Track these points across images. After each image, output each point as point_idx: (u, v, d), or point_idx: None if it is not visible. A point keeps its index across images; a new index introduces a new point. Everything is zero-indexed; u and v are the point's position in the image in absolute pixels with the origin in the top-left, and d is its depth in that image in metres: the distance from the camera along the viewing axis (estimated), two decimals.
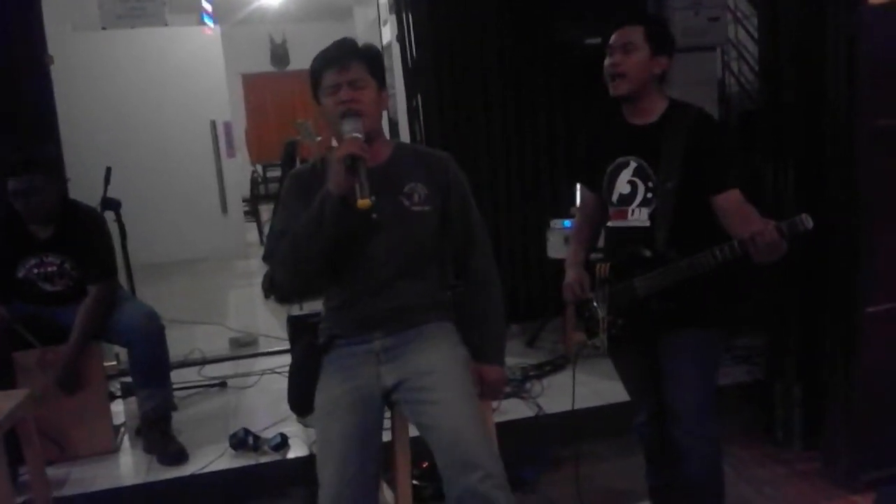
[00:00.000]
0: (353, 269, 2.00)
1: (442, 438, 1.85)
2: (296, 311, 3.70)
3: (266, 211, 8.47)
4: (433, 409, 1.89)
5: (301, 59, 11.96)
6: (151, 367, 3.16)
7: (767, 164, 3.05)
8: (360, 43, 2.02)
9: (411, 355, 2.00)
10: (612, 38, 2.16)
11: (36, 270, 3.12)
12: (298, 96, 12.22)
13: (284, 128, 11.05)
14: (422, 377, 1.95)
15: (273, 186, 9.66)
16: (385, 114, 7.90)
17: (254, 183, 9.36)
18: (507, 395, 3.39)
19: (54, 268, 3.13)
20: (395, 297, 2.00)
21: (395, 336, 2.01)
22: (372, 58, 1.99)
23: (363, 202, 1.80)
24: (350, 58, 1.95)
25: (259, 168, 10.32)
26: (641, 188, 2.18)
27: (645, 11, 2.19)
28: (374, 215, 1.91)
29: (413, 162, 2.07)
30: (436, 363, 1.97)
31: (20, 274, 3.11)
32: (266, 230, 7.67)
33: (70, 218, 3.14)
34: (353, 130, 1.90)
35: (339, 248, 1.94)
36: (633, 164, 2.19)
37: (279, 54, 12.22)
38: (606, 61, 2.17)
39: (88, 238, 3.14)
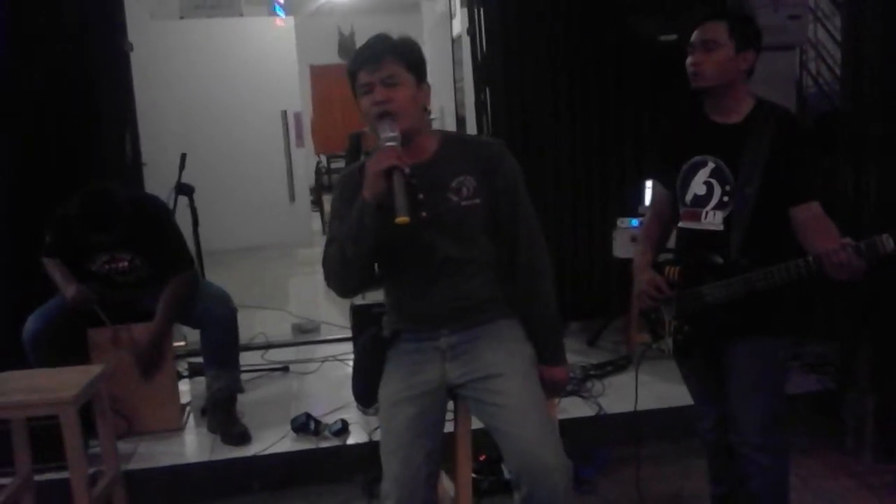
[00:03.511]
0: (408, 268, 1.98)
1: (511, 444, 1.85)
2: (359, 300, 3.73)
3: (329, 201, 8.57)
4: (502, 412, 1.89)
5: None
6: (222, 350, 3.24)
7: (847, 169, 2.96)
8: (397, 37, 1.94)
9: (478, 353, 1.99)
10: (694, 35, 2.10)
11: (107, 266, 3.16)
12: None
13: (350, 119, 11.16)
14: (489, 378, 1.95)
15: (336, 177, 9.78)
16: (453, 108, 7.86)
17: (318, 173, 9.50)
18: (567, 393, 3.37)
19: (125, 263, 3.17)
20: (456, 294, 1.98)
21: (461, 333, 2.00)
22: (407, 52, 1.91)
23: (401, 219, 1.74)
24: (382, 55, 1.87)
25: (323, 158, 10.45)
26: (718, 190, 2.12)
27: (727, 6, 2.12)
28: (424, 213, 1.88)
29: (461, 153, 1.99)
30: (503, 363, 1.96)
31: (93, 268, 3.17)
32: (329, 220, 7.77)
33: (138, 217, 3.06)
34: (388, 136, 1.84)
35: (385, 251, 1.91)
36: (710, 165, 2.13)
37: (347, 46, 12.33)
38: (688, 59, 2.11)
39: (159, 234, 3.16)
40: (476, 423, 2.03)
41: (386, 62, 1.87)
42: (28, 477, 2.54)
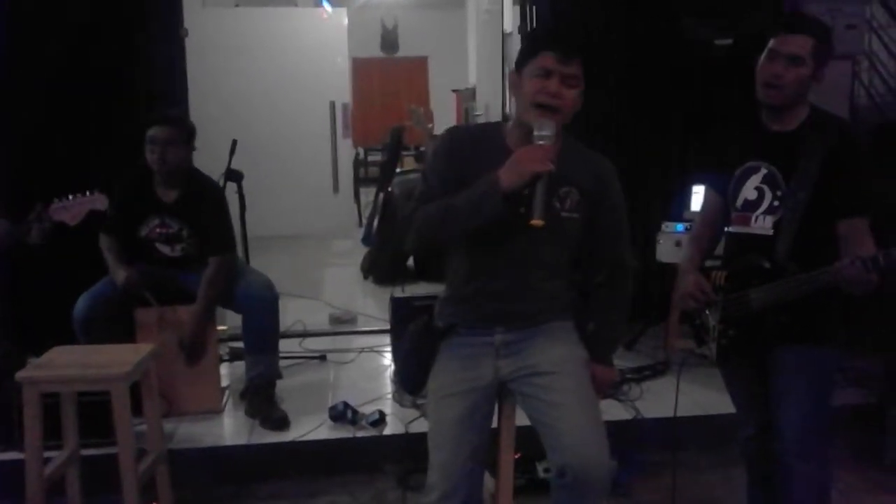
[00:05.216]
0: (489, 262, 1.99)
1: (560, 439, 1.87)
2: (398, 292, 3.76)
3: (365, 193, 8.60)
4: (553, 409, 1.91)
5: (410, 47, 12.08)
6: (264, 336, 3.28)
7: None
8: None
9: (531, 351, 2.00)
10: (777, 42, 2.02)
11: (158, 230, 3.24)
12: (405, 83, 12.35)
13: (389, 113, 11.18)
14: (542, 374, 1.96)
15: (373, 170, 9.84)
16: (499, 106, 7.70)
17: (356, 165, 9.53)
18: (604, 396, 3.35)
19: (174, 230, 3.25)
20: (527, 296, 2.00)
21: (516, 332, 2.02)
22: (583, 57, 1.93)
23: (536, 222, 1.77)
24: (576, 52, 1.89)
25: (361, 151, 10.48)
26: (769, 196, 2.11)
27: (816, 20, 2.07)
28: (523, 209, 1.84)
29: (576, 162, 2.00)
30: (556, 362, 1.97)
31: (143, 233, 3.24)
32: (365, 212, 7.79)
33: (194, 186, 3.26)
34: (544, 134, 1.84)
35: (480, 235, 1.91)
36: (763, 171, 2.13)
37: (390, 40, 12.36)
38: (765, 65, 2.05)
39: (209, 211, 3.24)
40: (521, 421, 2.05)
41: (576, 61, 1.89)
42: (75, 450, 2.60)
